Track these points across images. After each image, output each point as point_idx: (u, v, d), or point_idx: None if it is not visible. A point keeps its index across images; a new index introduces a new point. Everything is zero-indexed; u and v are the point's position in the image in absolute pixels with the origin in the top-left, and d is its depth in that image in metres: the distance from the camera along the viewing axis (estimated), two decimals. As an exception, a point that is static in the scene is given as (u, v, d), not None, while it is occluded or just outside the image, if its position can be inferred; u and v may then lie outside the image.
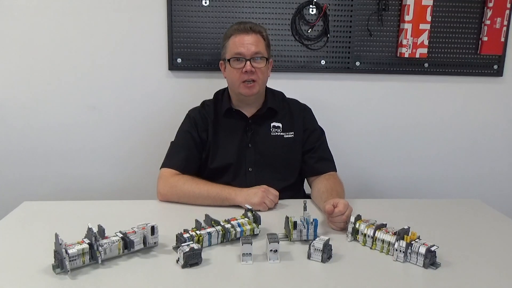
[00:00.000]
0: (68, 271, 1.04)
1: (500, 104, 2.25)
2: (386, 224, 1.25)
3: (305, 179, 1.74)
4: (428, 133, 2.26)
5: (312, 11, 2.05)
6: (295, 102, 1.77)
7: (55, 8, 1.98)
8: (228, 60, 1.61)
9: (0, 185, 2.15)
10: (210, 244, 1.22)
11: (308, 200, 1.42)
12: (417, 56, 2.06)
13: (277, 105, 1.70)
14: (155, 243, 1.20)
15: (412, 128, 2.25)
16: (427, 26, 2.04)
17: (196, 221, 1.25)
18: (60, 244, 1.04)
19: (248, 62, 1.57)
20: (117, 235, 1.15)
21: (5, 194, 2.14)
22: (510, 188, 2.35)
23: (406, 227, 1.19)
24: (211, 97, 1.76)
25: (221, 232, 1.23)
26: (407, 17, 2.02)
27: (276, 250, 1.13)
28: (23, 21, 1.99)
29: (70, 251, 1.05)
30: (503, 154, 2.32)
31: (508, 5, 2.07)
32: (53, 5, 1.98)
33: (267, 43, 1.64)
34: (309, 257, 1.15)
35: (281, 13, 2.04)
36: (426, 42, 2.05)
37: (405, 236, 1.16)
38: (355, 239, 1.27)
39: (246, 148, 1.67)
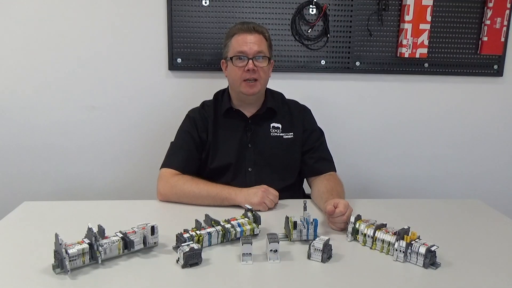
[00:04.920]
0: (68, 271, 1.04)
1: (500, 104, 2.25)
2: (386, 224, 1.25)
3: (305, 179, 1.74)
4: (428, 133, 2.26)
5: (312, 11, 2.05)
6: (294, 103, 1.77)
7: (55, 7, 1.98)
8: (231, 59, 1.61)
9: (0, 184, 2.15)
10: (210, 244, 1.22)
11: (308, 200, 1.42)
12: (417, 56, 2.07)
13: (276, 105, 1.70)
14: (155, 243, 1.20)
15: (412, 128, 2.25)
16: (427, 26, 2.04)
17: (196, 221, 1.25)
18: (60, 244, 1.04)
19: (250, 61, 1.57)
20: (117, 235, 1.15)
21: (5, 194, 2.14)
22: (510, 188, 2.35)
23: (406, 227, 1.19)
24: (211, 97, 1.76)
25: (221, 232, 1.23)
26: (407, 17, 2.02)
27: (276, 250, 1.13)
28: (23, 21, 1.99)
29: (70, 251, 1.05)
30: (503, 154, 2.31)
31: (508, 5, 2.07)
32: (53, 5, 1.98)
33: (269, 44, 1.65)
34: (309, 257, 1.15)
35: (281, 13, 2.04)
36: (426, 42, 2.05)
37: (405, 236, 1.16)
38: (355, 239, 1.27)
39: (246, 148, 1.67)
